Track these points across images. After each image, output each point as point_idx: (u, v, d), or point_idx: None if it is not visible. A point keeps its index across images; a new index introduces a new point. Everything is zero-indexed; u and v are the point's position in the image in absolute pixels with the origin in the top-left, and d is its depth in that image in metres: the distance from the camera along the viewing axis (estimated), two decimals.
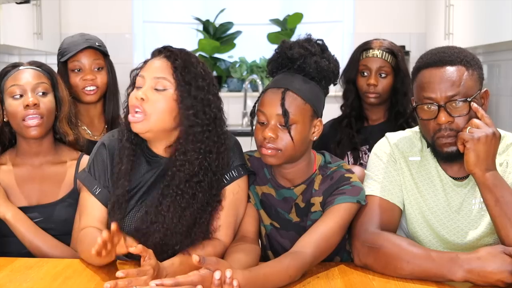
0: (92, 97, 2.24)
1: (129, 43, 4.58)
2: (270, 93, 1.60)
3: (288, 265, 1.45)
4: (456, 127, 1.54)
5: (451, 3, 3.79)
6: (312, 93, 1.61)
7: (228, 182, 1.62)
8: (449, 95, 1.52)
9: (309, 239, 1.53)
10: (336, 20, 4.66)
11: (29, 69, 1.85)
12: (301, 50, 1.61)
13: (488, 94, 1.60)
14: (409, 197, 1.66)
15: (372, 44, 2.40)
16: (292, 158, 1.62)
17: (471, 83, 1.53)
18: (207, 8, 4.74)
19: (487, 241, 1.63)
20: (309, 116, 1.60)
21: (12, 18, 3.57)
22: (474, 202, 1.62)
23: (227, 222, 1.60)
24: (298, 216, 1.68)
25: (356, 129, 2.41)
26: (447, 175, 1.64)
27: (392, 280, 1.51)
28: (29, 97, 1.78)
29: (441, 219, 1.64)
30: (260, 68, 4.65)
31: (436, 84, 1.53)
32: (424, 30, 4.46)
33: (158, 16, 4.75)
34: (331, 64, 1.63)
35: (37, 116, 1.79)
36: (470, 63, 1.55)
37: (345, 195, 1.59)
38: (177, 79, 1.55)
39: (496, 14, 3.17)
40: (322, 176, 1.66)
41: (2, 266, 1.62)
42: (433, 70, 1.54)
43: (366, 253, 1.55)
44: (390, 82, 2.37)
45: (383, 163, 1.67)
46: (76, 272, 1.58)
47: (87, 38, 2.26)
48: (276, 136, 1.57)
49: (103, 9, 4.53)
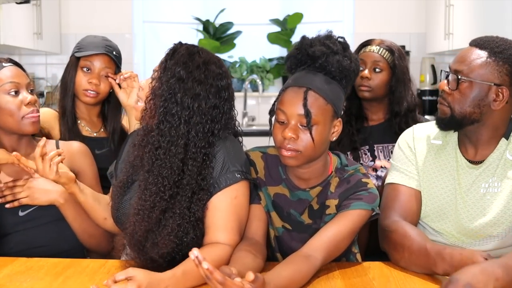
0: (90, 100, 2.26)
1: (129, 43, 4.58)
2: (291, 92, 1.55)
3: (306, 274, 1.47)
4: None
5: (451, 3, 3.79)
6: (334, 93, 1.56)
7: (220, 188, 1.56)
8: (456, 68, 1.64)
9: (320, 242, 1.53)
10: (336, 20, 4.66)
11: (12, 66, 1.86)
12: (323, 48, 1.57)
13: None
14: (424, 177, 1.73)
15: (372, 41, 2.41)
16: (311, 159, 1.58)
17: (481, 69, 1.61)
18: (207, 8, 4.74)
19: (493, 231, 1.64)
20: (330, 117, 1.56)
21: (12, 18, 3.57)
22: (484, 186, 1.65)
23: (230, 227, 1.56)
24: (311, 218, 1.65)
25: (356, 129, 2.40)
26: (463, 156, 1.70)
27: (393, 280, 1.51)
28: (28, 94, 1.82)
29: (451, 200, 1.68)
30: (260, 68, 4.65)
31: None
32: (424, 30, 4.46)
33: (158, 16, 4.75)
34: (352, 64, 1.58)
35: (38, 114, 1.84)
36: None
37: (361, 201, 1.58)
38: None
39: (496, 14, 3.17)
40: (339, 178, 1.63)
41: (2, 266, 1.62)
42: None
43: (383, 239, 1.66)
44: (385, 78, 2.36)
45: (402, 152, 1.77)
46: (76, 272, 1.58)
47: (107, 44, 2.30)
48: (296, 136, 1.53)
49: (103, 9, 4.54)
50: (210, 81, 1.56)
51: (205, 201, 1.55)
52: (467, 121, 1.62)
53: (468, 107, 1.60)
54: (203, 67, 1.57)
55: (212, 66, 1.58)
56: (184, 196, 1.53)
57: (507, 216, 1.63)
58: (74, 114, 2.26)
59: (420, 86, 4.40)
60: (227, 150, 1.58)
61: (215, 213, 1.55)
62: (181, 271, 1.42)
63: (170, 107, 1.54)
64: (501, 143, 1.66)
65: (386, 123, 2.40)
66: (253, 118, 4.63)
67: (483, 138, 1.66)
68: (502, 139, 1.66)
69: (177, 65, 1.56)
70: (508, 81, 1.59)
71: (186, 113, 1.54)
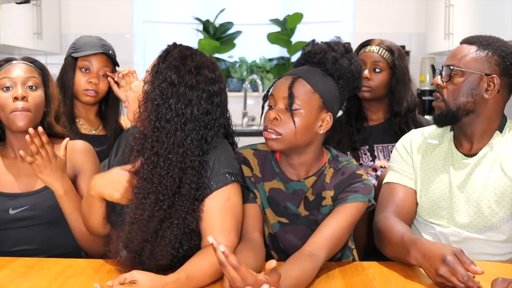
0: (90, 99, 2.28)
1: (129, 43, 4.58)
2: (283, 79, 1.62)
3: (311, 273, 1.48)
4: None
5: (451, 3, 3.79)
6: (325, 86, 1.61)
7: (211, 190, 1.54)
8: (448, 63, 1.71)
9: (322, 240, 1.55)
10: (336, 20, 4.66)
11: (22, 63, 1.87)
12: (324, 45, 1.65)
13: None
14: (420, 175, 1.78)
15: (372, 41, 2.41)
16: (294, 146, 1.60)
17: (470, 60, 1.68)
18: (207, 8, 4.74)
19: (488, 222, 1.68)
20: (316, 106, 1.59)
21: (12, 18, 3.57)
22: (480, 176, 1.70)
23: (227, 228, 1.55)
24: (307, 210, 1.67)
25: (356, 129, 2.41)
26: (458, 150, 1.76)
27: (393, 280, 1.51)
28: (18, 89, 1.80)
29: (445, 193, 1.73)
30: (260, 68, 4.65)
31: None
32: (424, 30, 4.46)
33: (158, 16, 4.75)
34: (352, 66, 1.64)
35: (25, 110, 1.79)
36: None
37: (358, 194, 1.61)
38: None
39: (496, 14, 3.17)
40: (333, 169, 1.66)
41: (2, 266, 1.62)
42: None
43: (375, 235, 1.72)
44: (385, 78, 2.36)
45: (399, 153, 1.85)
46: (76, 272, 1.58)
47: (103, 43, 2.33)
48: (280, 118, 1.57)
49: (103, 9, 4.54)
50: (202, 86, 1.53)
51: (200, 212, 1.54)
52: (462, 112, 1.68)
53: (462, 97, 1.67)
54: (195, 72, 1.53)
55: (204, 70, 1.55)
56: (182, 206, 1.50)
57: (502, 206, 1.67)
58: (73, 114, 2.27)
59: (420, 86, 4.40)
60: (217, 153, 1.57)
61: (210, 216, 1.54)
62: (185, 273, 1.42)
63: (164, 113, 1.51)
64: (495, 136, 1.72)
65: (386, 123, 2.41)
66: (253, 118, 4.62)
67: (478, 131, 1.72)
68: (496, 132, 1.73)
69: (169, 69, 1.53)
70: (498, 71, 1.67)
71: (180, 119, 1.51)
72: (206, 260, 1.45)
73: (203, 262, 1.45)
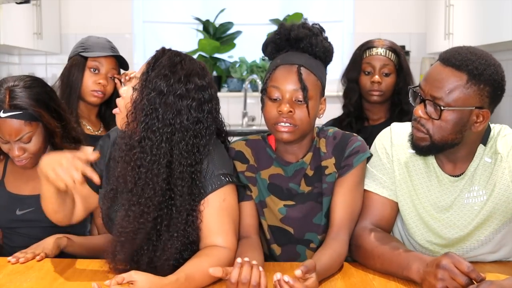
0: (96, 100, 2.29)
1: (129, 43, 4.58)
2: (283, 69, 1.61)
3: (340, 252, 1.58)
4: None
5: (451, 3, 3.79)
6: (321, 71, 1.64)
7: (207, 192, 1.53)
8: (434, 95, 1.50)
9: (340, 219, 1.63)
10: (336, 20, 4.66)
11: (9, 119, 1.74)
12: (306, 30, 1.64)
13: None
14: (402, 189, 1.67)
15: (375, 43, 2.41)
16: (305, 133, 1.64)
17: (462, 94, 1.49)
18: (207, 8, 4.74)
19: (480, 236, 1.63)
20: (319, 93, 1.63)
21: (12, 18, 3.57)
22: (468, 196, 1.62)
23: (225, 230, 1.54)
24: (308, 185, 1.68)
25: (356, 129, 2.41)
26: (443, 172, 1.64)
27: (393, 281, 1.51)
28: (15, 150, 1.77)
29: (433, 214, 1.65)
30: (260, 68, 4.65)
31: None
32: (424, 30, 4.46)
33: (158, 16, 4.75)
34: (330, 46, 1.68)
35: (26, 159, 1.80)
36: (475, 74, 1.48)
37: (359, 153, 1.67)
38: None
39: (496, 14, 3.17)
40: (324, 138, 1.70)
41: (2, 266, 1.62)
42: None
43: (353, 248, 1.65)
44: (393, 80, 2.38)
45: (379, 158, 1.70)
46: (76, 272, 1.58)
47: (112, 46, 2.35)
48: (293, 111, 1.58)
49: (103, 9, 4.53)
50: (191, 94, 1.50)
51: (199, 221, 1.53)
52: (448, 146, 1.55)
53: (450, 134, 1.52)
54: (185, 80, 1.50)
55: (194, 78, 1.51)
56: (180, 218, 1.49)
57: (493, 219, 1.62)
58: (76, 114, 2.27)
59: None
60: (210, 156, 1.55)
61: (207, 218, 1.53)
62: (184, 275, 1.41)
63: (151, 123, 1.48)
64: (479, 150, 1.61)
65: (386, 122, 2.40)
66: (253, 118, 4.62)
67: (461, 155, 1.61)
68: (480, 145, 1.61)
69: (158, 78, 1.49)
70: (488, 102, 1.51)
71: (167, 130, 1.48)
72: (205, 261, 1.45)
73: (202, 263, 1.45)
